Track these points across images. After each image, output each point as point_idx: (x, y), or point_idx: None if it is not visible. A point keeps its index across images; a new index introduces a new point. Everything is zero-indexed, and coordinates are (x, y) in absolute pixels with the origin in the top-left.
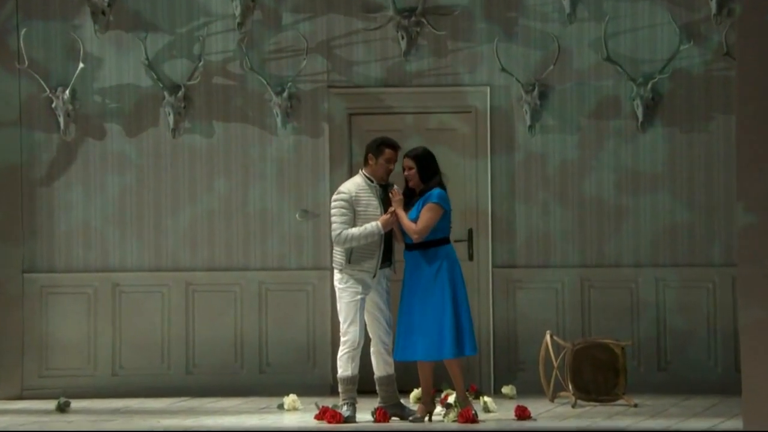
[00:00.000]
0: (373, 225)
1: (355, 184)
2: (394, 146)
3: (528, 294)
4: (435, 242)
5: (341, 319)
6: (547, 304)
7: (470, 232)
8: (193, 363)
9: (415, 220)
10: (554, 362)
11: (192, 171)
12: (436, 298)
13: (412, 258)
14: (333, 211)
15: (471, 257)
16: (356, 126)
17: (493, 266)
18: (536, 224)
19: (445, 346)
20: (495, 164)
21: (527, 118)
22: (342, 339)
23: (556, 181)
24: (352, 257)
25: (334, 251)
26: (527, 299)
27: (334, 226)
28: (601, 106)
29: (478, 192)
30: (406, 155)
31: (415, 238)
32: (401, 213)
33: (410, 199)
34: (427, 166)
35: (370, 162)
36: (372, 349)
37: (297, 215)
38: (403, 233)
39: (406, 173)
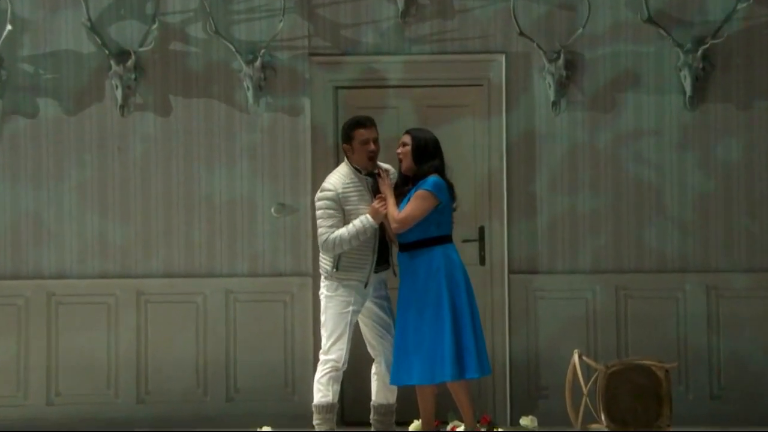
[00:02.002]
0: (363, 219)
1: (341, 178)
2: (364, 123)
3: (552, 305)
4: (429, 241)
5: (325, 334)
6: (575, 318)
7: (481, 230)
8: (146, 390)
9: None
10: (584, 388)
11: (145, 156)
12: (431, 309)
13: (405, 261)
14: (318, 213)
15: (483, 261)
16: (344, 102)
17: (510, 272)
18: (562, 222)
19: (444, 366)
20: (511, 149)
21: (551, 92)
22: (323, 358)
23: (585, 170)
24: (340, 264)
25: (320, 257)
26: (551, 311)
27: (320, 231)
28: (640, 77)
29: (492, 183)
30: (407, 131)
31: (394, 227)
32: (390, 198)
33: (404, 187)
34: (424, 147)
35: (348, 153)
36: (374, 370)
37: (272, 210)
38: None
39: (399, 150)
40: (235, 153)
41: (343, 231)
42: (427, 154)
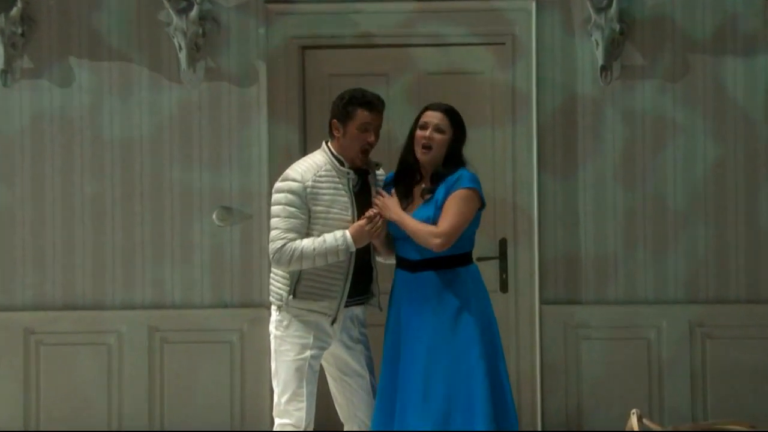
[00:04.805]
0: (339, 237)
1: (313, 167)
2: (374, 104)
3: (600, 347)
4: (457, 259)
5: (277, 389)
6: (632, 364)
7: (503, 244)
8: None
9: (432, 221)
10: None
11: (37, 143)
12: (450, 347)
13: (410, 282)
14: (274, 209)
15: (504, 286)
16: (312, 67)
17: (542, 301)
18: (614, 232)
19: (474, 426)
20: (544, 131)
21: (599, 53)
22: (277, 421)
23: (645, 160)
24: (298, 287)
25: (271, 276)
26: (599, 356)
27: (273, 233)
28: (722, 34)
29: (516, 177)
30: (442, 110)
31: (436, 244)
32: (398, 212)
33: (405, 187)
34: (463, 138)
35: (336, 133)
36: None
37: (214, 216)
38: (397, 240)
39: (427, 134)
40: (163, 137)
41: (307, 243)
42: (460, 152)
